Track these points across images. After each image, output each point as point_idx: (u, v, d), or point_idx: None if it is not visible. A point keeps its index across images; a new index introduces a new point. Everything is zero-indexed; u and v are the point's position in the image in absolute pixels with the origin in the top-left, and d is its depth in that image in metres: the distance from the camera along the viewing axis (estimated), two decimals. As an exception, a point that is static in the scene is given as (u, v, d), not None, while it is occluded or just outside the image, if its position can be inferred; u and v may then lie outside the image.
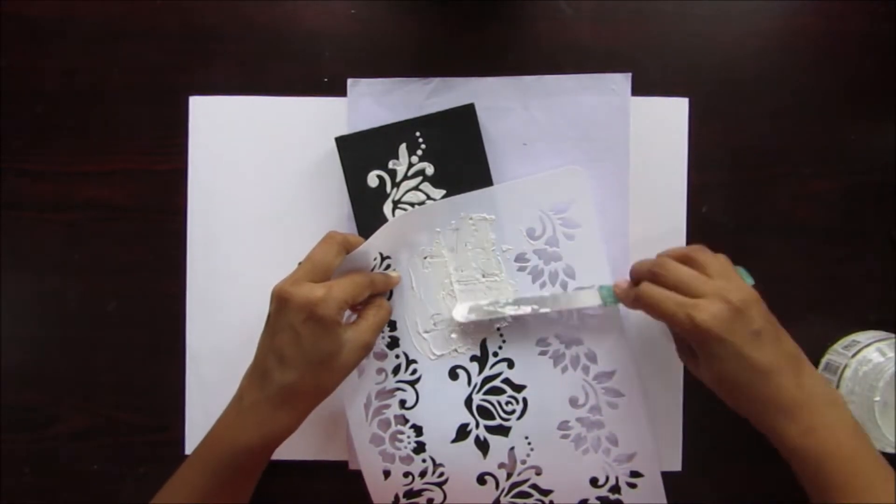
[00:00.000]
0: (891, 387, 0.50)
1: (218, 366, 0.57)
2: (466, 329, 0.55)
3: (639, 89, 0.55)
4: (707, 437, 0.56)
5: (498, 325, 0.55)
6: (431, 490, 0.56)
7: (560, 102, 0.56)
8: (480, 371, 0.55)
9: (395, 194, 0.55)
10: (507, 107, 0.56)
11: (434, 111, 0.55)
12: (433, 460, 0.55)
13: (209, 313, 0.57)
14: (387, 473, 0.55)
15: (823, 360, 0.55)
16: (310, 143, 0.57)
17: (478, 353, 0.55)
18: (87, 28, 0.57)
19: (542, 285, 0.55)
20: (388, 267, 0.54)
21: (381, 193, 0.55)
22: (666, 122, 0.56)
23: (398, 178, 0.55)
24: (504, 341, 0.55)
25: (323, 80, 0.57)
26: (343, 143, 0.54)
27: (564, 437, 0.55)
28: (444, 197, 0.55)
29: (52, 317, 0.58)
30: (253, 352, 0.49)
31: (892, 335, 0.53)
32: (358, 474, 0.56)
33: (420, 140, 0.54)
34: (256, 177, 0.57)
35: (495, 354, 0.55)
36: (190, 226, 0.57)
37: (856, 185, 0.56)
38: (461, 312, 0.54)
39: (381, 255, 0.54)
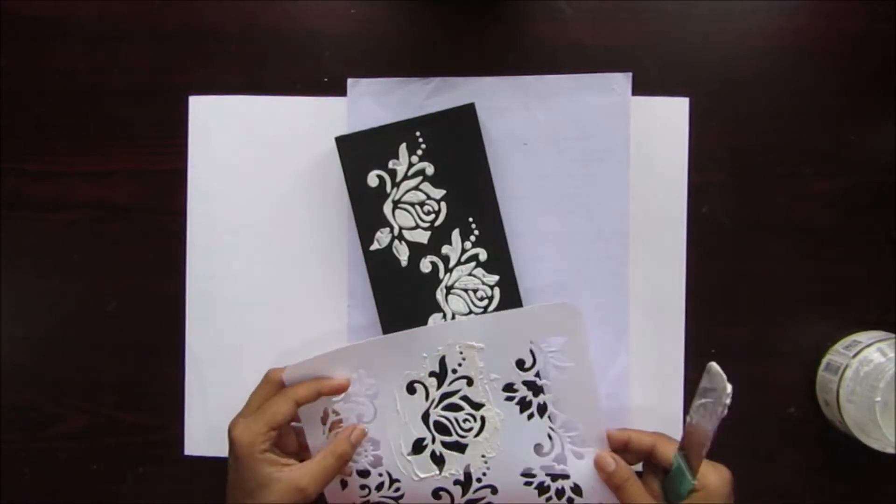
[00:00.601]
0: (891, 387, 0.50)
1: (218, 366, 0.57)
2: (451, 455, 0.54)
3: (639, 89, 0.55)
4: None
5: (483, 454, 0.54)
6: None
7: (560, 102, 0.56)
8: (463, 494, 0.54)
9: (395, 194, 0.55)
10: (508, 107, 0.56)
11: (434, 111, 0.55)
12: (389, 475, 0.54)
13: (209, 313, 0.57)
14: (343, 484, 0.54)
15: (824, 361, 0.55)
16: (310, 143, 0.57)
17: (461, 478, 0.54)
18: (87, 28, 0.57)
19: (531, 416, 0.53)
20: (372, 386, 0.53)
21: (381, 193, 0.55)
22: (666, 122, 0.56)
23: (398, 178, 0.55)
24: (488, 468, 0.54)
25: (323, 79, 0.57)
26: (343, 142, 0.54)
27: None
28: (444, 197, 0.55)
29: (52, 317, 0.58)
30: (253, 352, 0.49)
31: (893, 335, 0.53)
32: None
33: (420, 140, 0.54)
34: (256, 176, 0.57)
35: (479, 480, 0.54)
36: (190, 226, 0.57)
37: (856, 185, 0.56)
38: None
39: (363, 371, 0.52)
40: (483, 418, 0.53)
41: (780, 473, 0.56)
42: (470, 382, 0.53)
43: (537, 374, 0.52)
